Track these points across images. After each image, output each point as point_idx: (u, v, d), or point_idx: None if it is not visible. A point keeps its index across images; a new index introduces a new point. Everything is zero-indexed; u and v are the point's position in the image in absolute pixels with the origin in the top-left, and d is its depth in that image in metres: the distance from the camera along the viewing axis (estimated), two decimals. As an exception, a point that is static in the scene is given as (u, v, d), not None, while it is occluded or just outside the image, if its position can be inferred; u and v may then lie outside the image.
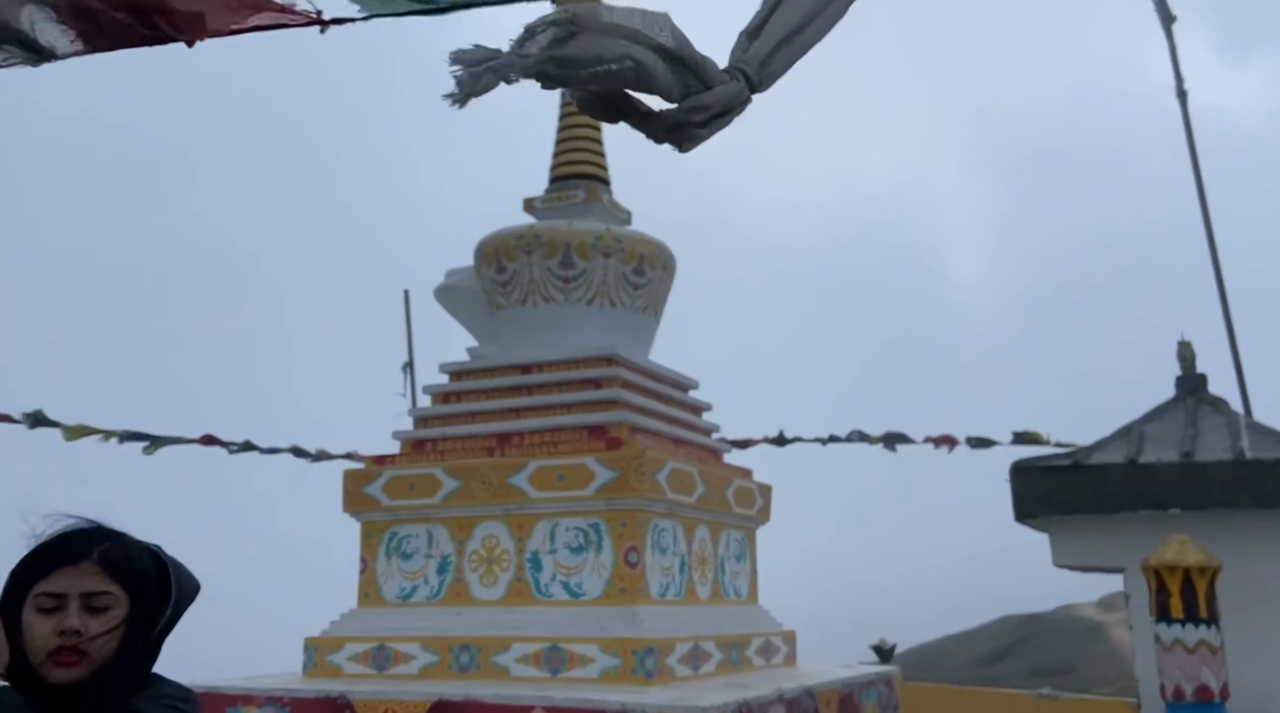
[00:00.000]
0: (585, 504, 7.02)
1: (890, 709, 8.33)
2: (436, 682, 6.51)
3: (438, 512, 7.41)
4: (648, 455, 6.95)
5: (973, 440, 11.53)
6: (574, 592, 6.95)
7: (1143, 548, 5.56)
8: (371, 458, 7.89)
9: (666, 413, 8.22)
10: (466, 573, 7.28)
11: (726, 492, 8.18)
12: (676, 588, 7.39)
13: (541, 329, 8.33)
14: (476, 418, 7.96)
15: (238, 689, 6.51)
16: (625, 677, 6.33)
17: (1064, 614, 29.81)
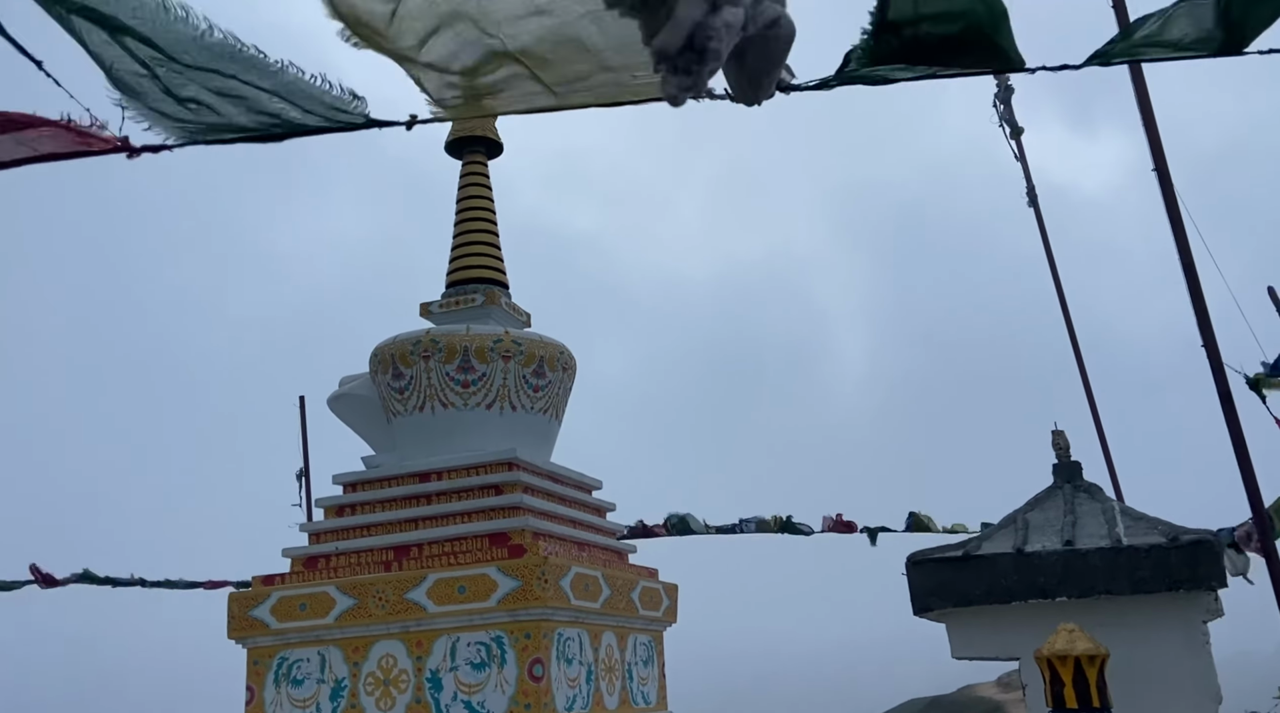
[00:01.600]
0: (487, 617, 6.83)
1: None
2: (329, 820, 6.10)
3: (330, 633, 7.07)
4: (550, 562, 6.84)
5: (870, 530, 11.81)
6: (476, 711, 6.68)
7: (1035, 637, 5.73)
8: (259, 578, 7.51)
9: (570, 516, 8.14)
10: (362, 697, 6.92)
11: (632, 594, 8.08)
12: (584, 700, 7.19)
13: (440, 435, 8.20)
14: (372, 530, 7.70)
15: None
16: (532, 801, 6.07)
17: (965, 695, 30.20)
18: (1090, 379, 8.71)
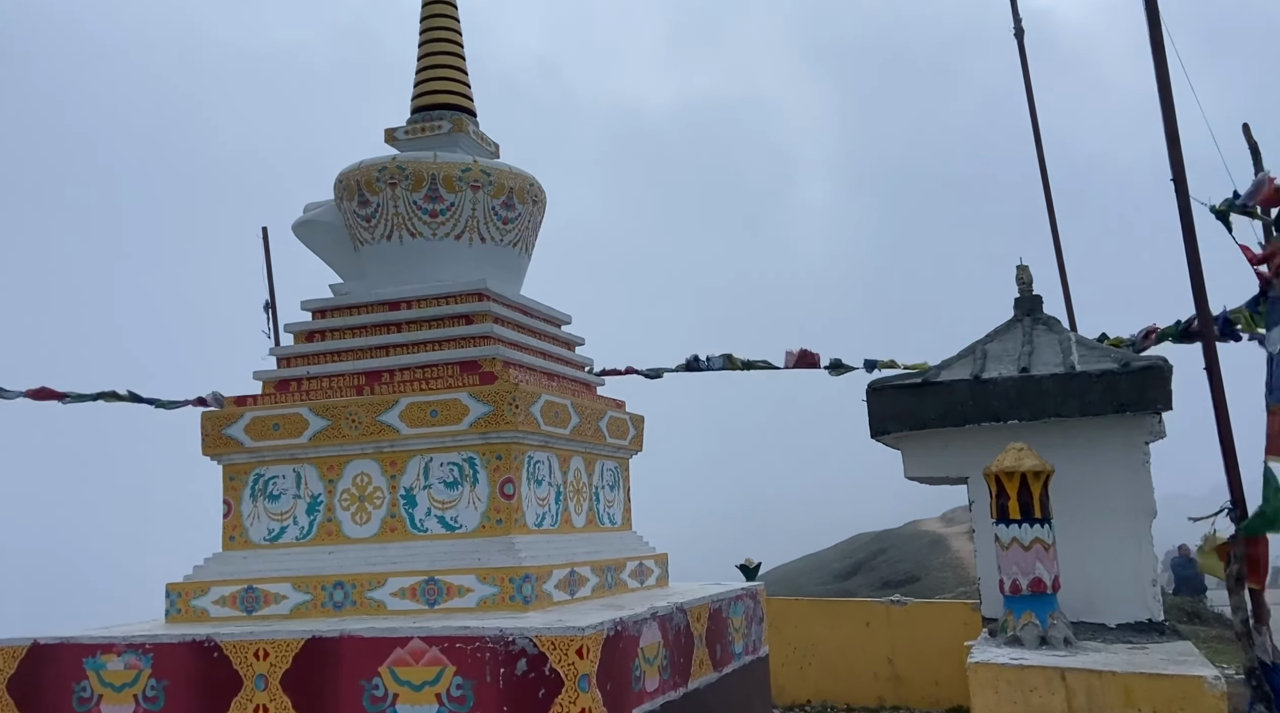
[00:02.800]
0: (459, 439, 7.02)
1: (756, 621, 8.83)
2: (310, 620, 6.46)
3: (305, 452, 7.25)
4: (521, 389, 6.98)
5: (831, 365, 12.08)
6: (450, 525, 6.98)
7: (986, 457, 6.08)
8: (231, 399, 7.60)
9: (539, 347, 8.25)
10: (338, 512, 7.18)
11: (600, 423, 8.33)
12: (552, 518, 7.53)
13: (409, 265, 8.15)
14: (343, 356, 7.77)
15: (96, 639, 6.26)
16: (503, 604, 6.45)
17: (910, 530, 31.99)
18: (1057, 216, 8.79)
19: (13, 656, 6.37)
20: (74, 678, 6.21)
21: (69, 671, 6.23)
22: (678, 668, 6.73)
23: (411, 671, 5.69)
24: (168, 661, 6.09)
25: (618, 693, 5.71)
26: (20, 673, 6.32)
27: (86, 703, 6.16)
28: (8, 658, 6.37)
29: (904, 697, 10.85)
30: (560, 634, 5.49)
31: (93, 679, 6.18)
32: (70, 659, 6.25)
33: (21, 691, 6.30)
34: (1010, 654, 5.23)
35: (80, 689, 6.19)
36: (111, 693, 6.13)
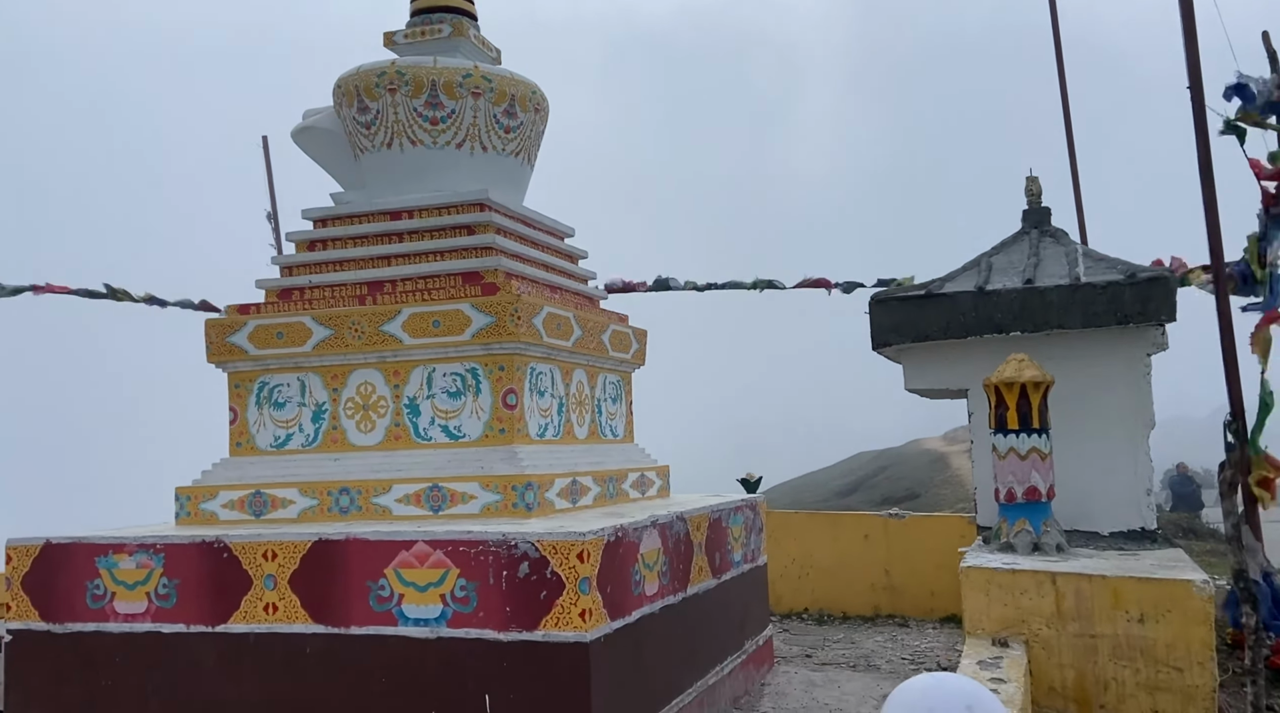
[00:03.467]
0: (462, 350, 7.04)
1: (755, 531, 8.99)
2: (316, 524, 6.59)
3: (309, 360, 7.29)
4: (523, 300, 6.97)
5: (844, 285, 11.98)
6: (453, 434, 7.05)
7: (986, 370, 6.08)
8: (234, 307, 7.60)
9: (542, 259, 8.20)
10: (343, 420, 7.26)
11: (603, 336, 8.33)
12: (555, 429, 7.60)
13: (410, 174, 8.05)
14: (345, 265, 7.74)
15: (107, 540, 6.41)
16: (506, 511, 6.57)
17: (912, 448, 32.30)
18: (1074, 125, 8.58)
19: (27, 554, 6.53)
20: (87, 576, 6.38)
21: (82, 569, 6.40)
22: (677, 574, 6.88)
23: (416, 572, 5.83)
24: (178, 561, 6.24)
25: (618, 596, 5.85)
26: (34, 571, 6.50)
27: (100, 600, 6.35)
28: (22, 557, 6.54)
29: (899, 606, 11.12)
30: (562, 539, 5.59)
31: (105, 578, 6.35)
32: (83, 558, 6.41)
33: (36, 588, 6.48)
34: (1003, 559, 5.33)
35: (94, 587, 6.37)
36: (125, 591, 6.30)
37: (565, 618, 5.49)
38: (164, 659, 6.16)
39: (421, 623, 5.75)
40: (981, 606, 4.88)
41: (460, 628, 5.67)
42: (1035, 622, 4.82)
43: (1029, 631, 4.85)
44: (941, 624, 10.62)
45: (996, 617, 4.89)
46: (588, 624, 5.45)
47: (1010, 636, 4.87)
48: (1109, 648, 5.00)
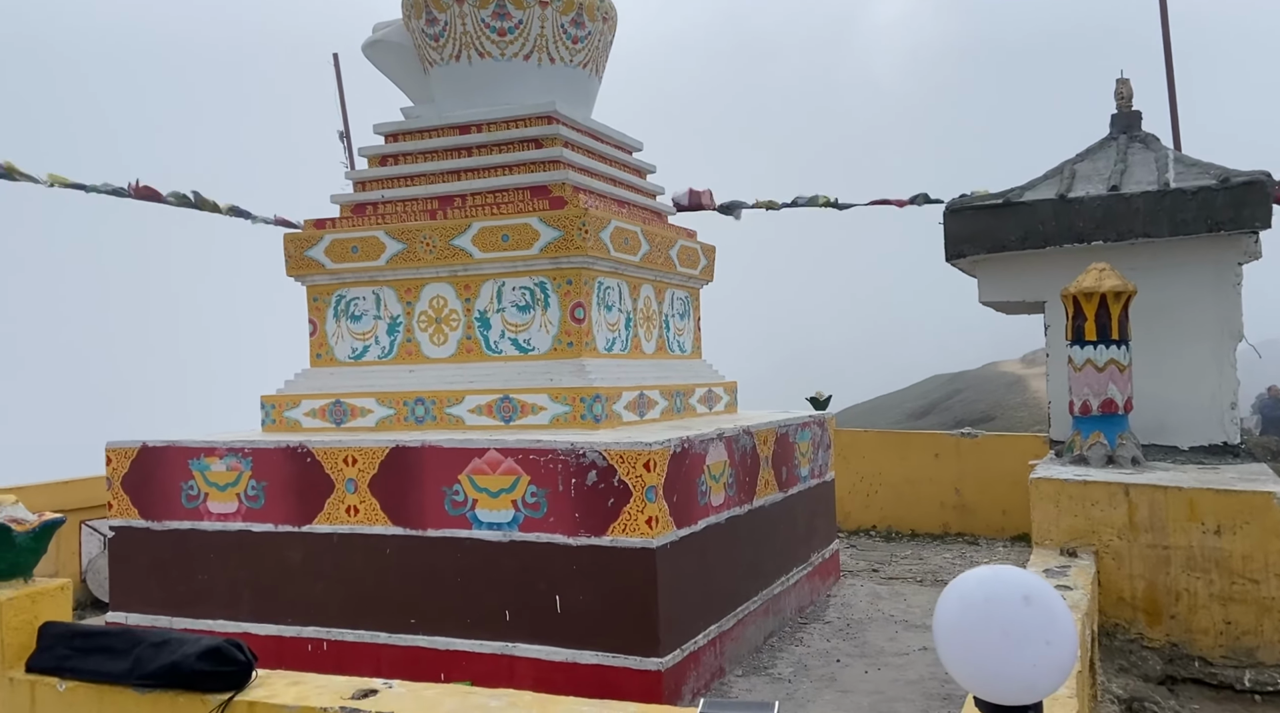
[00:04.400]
0: (530, 263, 7.09)
1: (823, 448, 9.00)
2: (394, 432, 6.82)
3: (383, 274, 7.44)
4: (591, 214, 6.96)
5: (916, 198, 11.61)
6: (523, 347, 7.17)
7: (1065, 281, 5.85)
8: (311, 222, 7.77)
9: (609, 173, 8.15)
10: (417, 332, 7.43)
11: (670, 251, 8.29)
12: (622, 343, 7.66)
13: (478, 87, 8.02)
14: (416, 180, 7.82)
15: (199, 443, 6.75)
16: (574, 423, 6.69)
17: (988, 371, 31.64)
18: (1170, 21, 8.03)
19: (125, 456, 6.93)
20: (181, 478, 6.76)
21: (177, 471, 6.78)
22: (743, 486, 6.95)
23: (489, 479, 6.01)
24: (266, 464, 6.55)
25: (684, 505, 5.96)
26: (133, 472, 6.91)
27: (195, 500, 6.73)
28: (121, 458, 6.95)
29: (970, 525, 11.07)
30: (629, 449, 5.69)
31: (199, 479, 6.72)
32: (177, 461, 6.78)
33: (135, 488, 6.90)
34: (1074, 471, 5.23)
35: (188, 488, 6.74)
36: (216, 492, 6.66)
37: (632, 525, 5.62)
38: (254, 557, 6.53)
39: (494, 527, 5.95)
40: (1050, 517, 4.82)
41: (531, 532, 5.86)
42: (1106, 533, 4.75)
43: (1099, 542, 4.78)
44: (1012, 543, 10.55)
45: (1065, 528, 4.83)
46: (654, 531, 5.57)
47: (1079, 546, 4.82)
48: (1182, 559, 4.90)
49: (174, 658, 2.76)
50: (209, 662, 2.74)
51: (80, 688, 2.87)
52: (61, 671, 2.91)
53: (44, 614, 3.09)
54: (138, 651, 2.84)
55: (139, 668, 2.79)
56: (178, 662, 2.75)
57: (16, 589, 3.06)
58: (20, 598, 3.04)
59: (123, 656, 2.85)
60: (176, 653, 2.77)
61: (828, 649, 6.80)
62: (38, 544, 3.17)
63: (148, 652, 2.82)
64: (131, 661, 2.82)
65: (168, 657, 2.77)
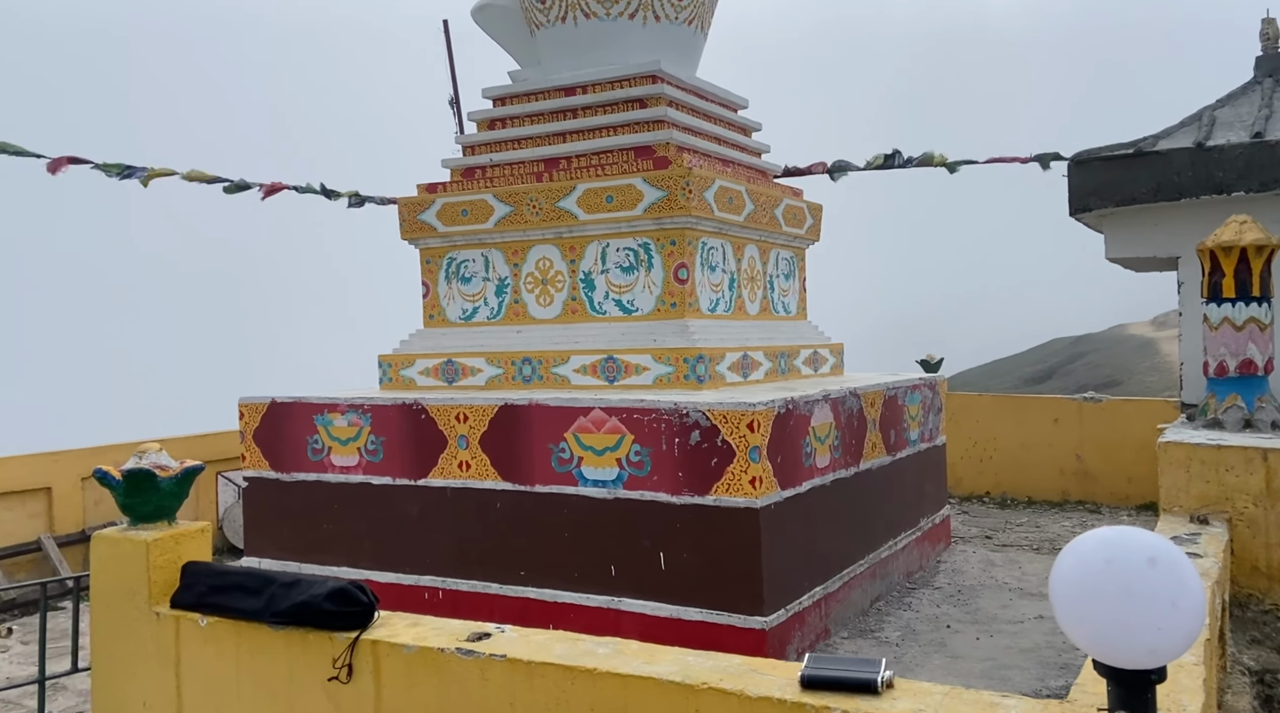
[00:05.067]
0: (634, 225, 7.11)
1: (933, 411, 8.76)
2: (502, 391, 6.99)
3: (491, 237, 7.59)
4: (695, 173, 6.90)
5: (1041, 158, 11.03)
6: (626, 308, 7.21)
7: (1201, 235, 5.47)
8: (422, 186, 7.97)
9: (714, 132, 8.05)
10: (524, 294, 7.56)
11: (776, 211, 8.16)
12: (726, 303, 7.61)
13: (583, 48, 8.03)
14: (523, 143, 7.91)
15: (323, 400, 7.08)
16: (678, 383, 6.71)
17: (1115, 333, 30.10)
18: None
19: (256, 411, 7.33)
20: (307, 432, 7.11)
21: (303, 425, 7.13)
22: (849, 449, 6.84)
23: (594, 437, 6.10)
24: (384, 420, 6.82)
25: (788, 466, 5.91)
26: (263, 426, 7.30)
27: (319, 454, 7.07)
28: (252, 413, 7.35)
29: (1091, 492, 10.62)
30: (732, 409, 5.67)
31: (323, 434, 7.05)
32: (303, 416, 7.13)
33: (265, 441, 7.30)
34: (1207, 435, 4.92)
35: (313, 441, 7.09)
36: (339, 446, 6.98)
37: (736, 484, 5.62)
38: (374, 508, 6.84)
39: (599, 484, 6.05)
40: (1180, 482, 4.56)
41: (635, 490, 5.93)
42: (1241, 500, 4.46)
43: (1233, 509, 4.50)
44: (1138, 512, 10.08)
45: (1196, 494, 4.56)
46: (758, 491, 5.56)
47: (1210, 514, 4.55)
48: (1327, 532, 4.56)
49: (303, 598, 2.93)
50: (335, 602, 2.89)
51: (220, 623, 3.07)
52: (202, 606, 3.13)
53: (186, 554, 3.31)
54: (270, 590, 3.02)
55: (272, 606, 2.97)
56: (307, 601, 2.91)
57: (161, 531, 3.29)
58: (165, 539, 3.26)
59: (256, 594, 3.04)
60: (306, 593, 2.94)
61: (937, 615, 6.67)
62: (180, 489, 3.40)
63: (279, 592, 3.00)
64: (265, 599, 3.00)
65: (298, 596, 2.94)
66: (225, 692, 3.07)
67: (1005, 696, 2.21)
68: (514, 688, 2.60)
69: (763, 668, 2.45)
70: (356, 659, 2.80)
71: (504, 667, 2.62)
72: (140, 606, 3.23)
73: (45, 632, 3.24)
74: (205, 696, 3.10)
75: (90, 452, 8.59)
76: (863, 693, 2.25)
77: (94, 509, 8.66)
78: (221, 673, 3.07)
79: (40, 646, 3.24)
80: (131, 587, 3.24)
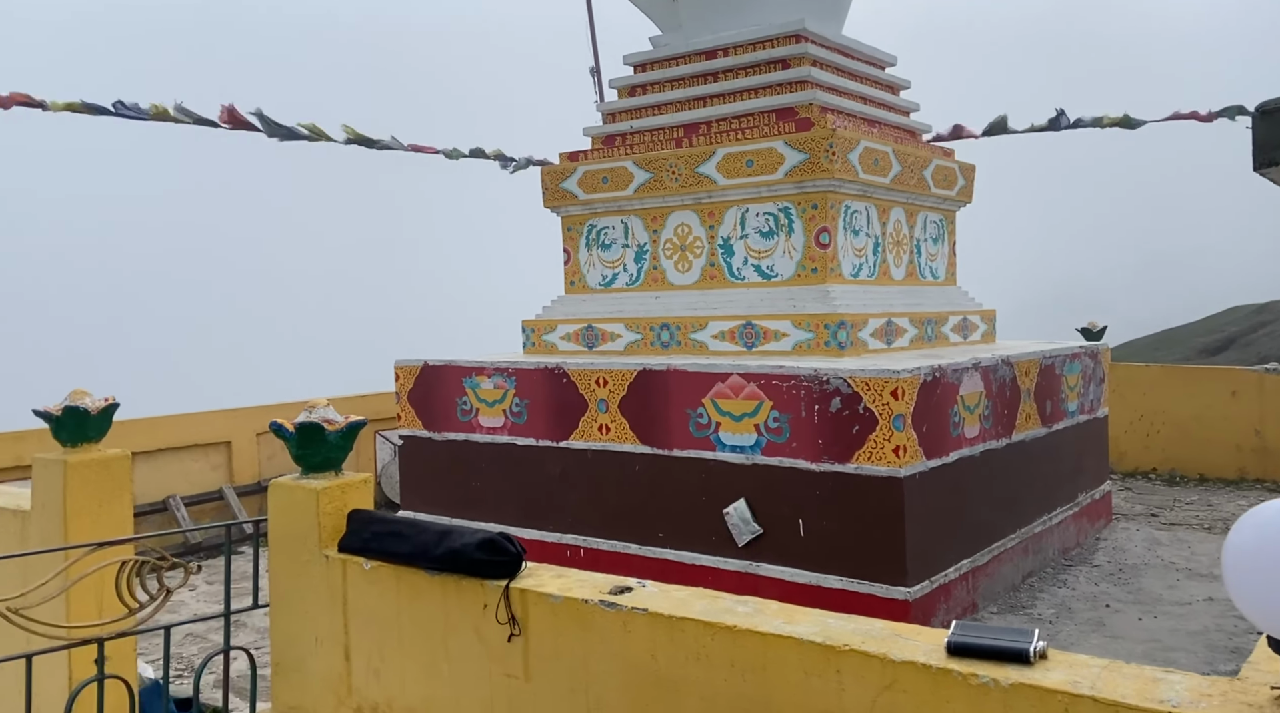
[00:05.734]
0: (775, 189, 6.99)
1: (1095, 382, 8.27)
2: (640, 356, 7.07)
3: (631, 203, 7.64)
4: (839, 134, 6.72)
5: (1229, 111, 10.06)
6: (765, 274, 7.13)
7: None
8: (565, 154, 8.10)
9: (859, 92, 7.80)
10: (662, 260, 7.59)
11: (924, 172, 7.85)
12: (870, 269, 7.40)
13: (725, 9, 7.91)
14: (663, 109, 7.90)
15: (471, 363, 7.36)
16: (818, 350, 6.60)
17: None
18: None
19: (410, 373, 7.71)
20: (457, 394, 7.42)
21: (452, 387, 7.44)
22: (1000, 419, 6.56)
23: (732, 403, 6.09)
24: (527, 383, 7.03)
25: (934, 435, 5.73)
26: (416, 387, 7.67)
27: (468, 414, 7.37)
28: (407, 375, 7.73)
29: (1272, 470, 9.79)
30: (875, 376, 5.54)
31: (471, 395, 7.34)
32: (453, 378, 7.44)
33: (418, 401, 7.66)
34: None
35: (462, 403, 7.39)
36: (486, 407, 7.25)
37: (878, 453, 5.50)
38: (518, 468, 7.08)
39: (737, 450, 6.05)
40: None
41: (773, 456, 5.89)
42: None
43: None
44: (1326, 495, 9.23)
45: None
46: (901, 460, 5.42)
47: None
48: None
49: (455, 546, 3.07)
50: (485, 551, 3.02)
51: (382, 567, 3.27)
52: (366, 551, 3.34)
53: (351, 503, 3.53)
54: (425, 539, 3.19)
55: (427, 553, 3.14)
56: (459, 550, 3.06)
57: (329, 480, 3.52)
58: (332, 488, 3.49)
59: (412, 542, 3.22)
60: (457, 542, 3.08)
61: (1095, 594, 6.34)
62: (345, 442, 3.61)
63: (433, 540, 3.16)
64: (420, 547, 3.18)
65: (450, 545, 3.09)
66: (387, 630, 3.27)
67: (1169, 671, 2.08)
68: (655, 641, 2.65)
69: (907, 633, 2.40)
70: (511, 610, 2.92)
71: (645, 620, 2.67)
72: (311, 549, 3.48)
73: (230, 570, 3.53)
74: (369, 633, 3.32)
75: (263, 409, 9.27)
76: (1013, 663, 2.17)
77: (268, 463, 9.36)
78: (384, 613, 3.28)
79: (225, 583, 3.54)
80: (303, 531, 3.49)
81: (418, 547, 3.20)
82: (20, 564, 4.10)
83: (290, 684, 3.56)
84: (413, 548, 3.22)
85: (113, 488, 4.46)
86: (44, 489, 4.44)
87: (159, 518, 8.63)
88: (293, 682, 3.55)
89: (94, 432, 4.50)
